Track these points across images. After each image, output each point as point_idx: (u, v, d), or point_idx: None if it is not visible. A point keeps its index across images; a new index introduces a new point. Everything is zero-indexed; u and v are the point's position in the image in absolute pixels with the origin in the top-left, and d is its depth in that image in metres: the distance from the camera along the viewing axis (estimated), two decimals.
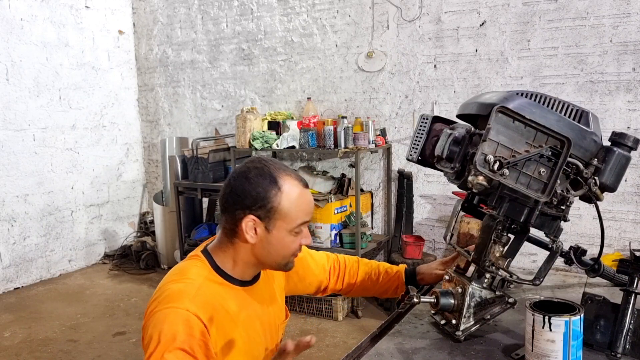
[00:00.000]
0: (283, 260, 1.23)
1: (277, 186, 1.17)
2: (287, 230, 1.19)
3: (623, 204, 3.34)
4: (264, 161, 1.21)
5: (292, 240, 1.21)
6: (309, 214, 1.22)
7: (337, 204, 3.83)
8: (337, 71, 4.28)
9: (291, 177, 1.20)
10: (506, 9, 3.56)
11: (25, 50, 4.49)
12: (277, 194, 1.16)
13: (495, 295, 1.23)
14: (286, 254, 1.22)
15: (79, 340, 3.52)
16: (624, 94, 3.28)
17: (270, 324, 1.31)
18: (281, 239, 1.19)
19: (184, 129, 5.28)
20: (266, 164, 1.20)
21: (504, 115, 1.08)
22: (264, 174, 1.18)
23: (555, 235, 1.19)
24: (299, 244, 1.22)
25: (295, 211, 1.18)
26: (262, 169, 1.19)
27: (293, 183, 1.19)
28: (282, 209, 1.17)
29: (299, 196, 1.19)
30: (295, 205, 1.18)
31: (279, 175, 1.18)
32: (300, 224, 1.20)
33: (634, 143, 1.15)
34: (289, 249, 1.21)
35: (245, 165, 1.21)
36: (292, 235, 1.20)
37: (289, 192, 1.17)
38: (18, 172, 4.50)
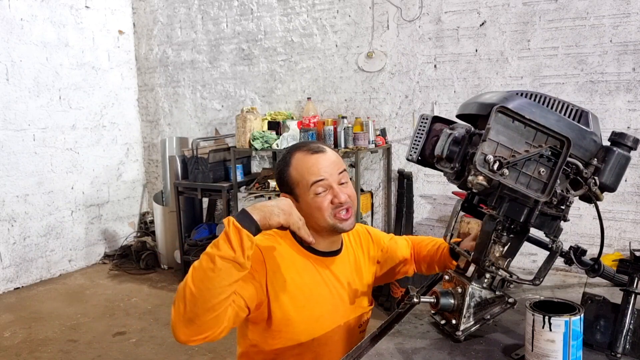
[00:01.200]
0: (324, 221, 1.33)
1: (286, 163, 1.36)
2: (307, 194, 1.32)
3: (623, 204, 3.34)
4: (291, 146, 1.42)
5: (318, 201, 1.32)
6: (317, 173, 1.32)
7: None
8: (337, 71, 4.28)
9: (300, 150, 1.36)
10: (506, 9, 3.56)
11: (25, 50, 4.49)
12: (286, 170, 1.36)
13: (495, 295, 1.23)
14: (320, 215, 1.32)
15: (79, 340, 3.52)
16: (624, 94, 3.28)
17: (342, 298, 1.40)
18: (307, 203, 1.33)
19: (184, 129, 5.28)
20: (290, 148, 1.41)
21: (504, 115, 1.08)
22: (283, 158, 1.39)
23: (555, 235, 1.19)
24: (328, 203, 1.32)
25: (302, 175, 1.32)
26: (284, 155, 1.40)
27: (300, 154, 1.35)
28: (293, 179, 1.34)
29: (302, 162, 1.33)
30: (300, 171, 1.33)
31: (292, 153, 1.37)
32: (312, 184, 1.31)
33: (634, 143, 1.15)
34: (320, 209, 1.32)
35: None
36: (313, 195, 1.32)
37: (294, 163, 1.35)
38: (18, 172, 4.50)
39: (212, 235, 4.61)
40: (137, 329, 3.64)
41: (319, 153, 1.35)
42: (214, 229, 4.66)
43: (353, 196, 1.38)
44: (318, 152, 1.35)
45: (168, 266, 4.90)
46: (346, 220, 1.35)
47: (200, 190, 4.35)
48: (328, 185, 1.32)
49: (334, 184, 1.33)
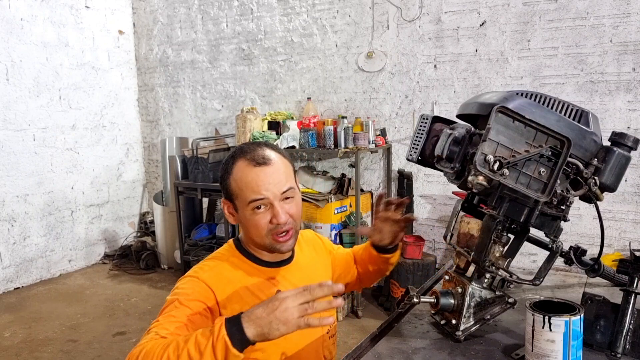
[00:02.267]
0: (261, 239, 1.25)
1: (227, 170, 1.26)
2: (245, 209, 1.24)
3: (623, 204, 3.34)
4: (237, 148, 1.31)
5: (256, 219, 1.23)
6: (256, 190, 1.21)
7: (337, 204, 3.83)
8: (337, 71, 4.28)
9: (244, 159, 1.24)
10: (506, 9, 3.56)
11: (25, 50, 4.49)
12: (226, 178, 1.27)
13: (495, 295, 1.23)
14: (258, 232, 1.24)
15: (79, 340, 3.52)
16: (624, 94, 3.28)
17: None
18: (245, 217, 1.25)
19: (184, 129, 5.28)
20: (235, 150, 1.30)
21: (504, 115, 1.08)
22: (226, 160, 1.30)
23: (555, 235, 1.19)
24: (266, 223, 1.23)
25: (241, 189, 1.23)
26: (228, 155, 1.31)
27: (243, 164, 1.24)
28: (233, 190, 1.25)
29: (244, 175, 1.23)
30: (239, 184, 1.24)
31: (235, 159, 1.26)
32: (250, 202, 1.22)
33: (634, 143, 1.15)
34: (257, 227, 1.24)
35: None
36: (251, 212, 1.23)
37: (235, 173, 1.24)
38: (18, 172, 4.50)
39: (212, 235, 4.61)
40: (137, 329, 3.64)
41: (262, 166, 1.22)
42: (214, 229, 4.66)
43: (297, 215, 1.27)
44: (261, 165, 1.22)
45: (168, 266, 4.90)
46: (284, 242, 1.25)
47: (200, 190, 4.35)
48: (268, 202, 1.22)
49: (275, 201, 1.22)
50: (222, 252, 1.34)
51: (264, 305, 0.98)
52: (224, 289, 1.23)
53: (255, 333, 0.96)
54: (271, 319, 0.96)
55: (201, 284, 1.22)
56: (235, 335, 0.96)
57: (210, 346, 0.96)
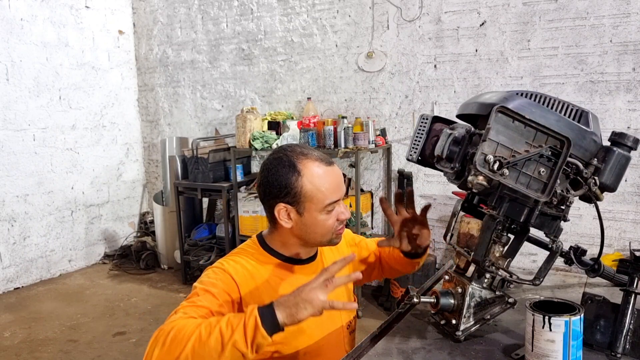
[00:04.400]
0: (324, 237, 1.28)
1: (296, 171, 1.23)
2: (318, 211, 1.24)
3: (623, 204, 3.34)
4: (284, 150, 1.29)
5: (326, 218, 1.25)
6: (336, 191, 1.25)
7: None
8: (337, 71, 4.28)
9: (311, 160, 1.25)
10: (506, 9, 3.56)
11: (25, 50, 4.49)
12: (298, 179, 1.23)
13: (495, 295, 1.23)
14: (325, 232, 1.27)
15: (79, 340, 3.52)
16: (624, 94, 3.28)
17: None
18: (314, 219, 1.25)
19: (184, 129, 5.28)
20: (286, 152, 1.28)
21: (504, 115, 1.08)
22: (283, 163, 1.25)
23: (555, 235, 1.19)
24: (334, 220, 1.26)
25: (320, 191, 1.23)
26: (281, 158, 1.26)
27: (313, 165, 1.24)
28: (307, 192, 1.23)
29: (320, 176, 1.23)
30: (318, 186, 1.23)
31: (298, 160, 1.24)
32: (329, 204, 1.24)
33: (634, 143, 1.15)
34: (325, 227, 1.26)
35: (268, 158, 1.30)
36: (325, 213, 1.25)
37: (309, 175, 1.23)
38: (18, 172, 4.50)
39: (212, 235, 4.61)
40: (137, 329, 3.64)
41: (332, 165, 1.28)
42: (214, 229, 4.66)
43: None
44: (332, 165, 1.28)
45: (168, 266, 4.90)
46: (341, 234, 1.32)
47: (200, 190, 4.35)
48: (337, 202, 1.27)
49: (341, 201, 1.28)
50: (247, 248, 1.35)
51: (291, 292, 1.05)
52: (247, 284, 1.24)
53: (285, 315, 1.02)
54: (297, 300, 1.02)
55: (227, 275, 1.23)
56: (267, 317, 1.01)
57: (241, 324, 1.01)
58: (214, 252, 4.42)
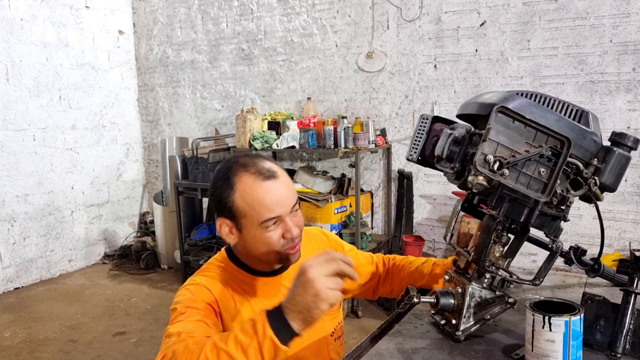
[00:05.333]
0: (270, 255, 1.19)
1: (229, 186, 1.15)
2: (255, 228, 1.15)
3: (623, 204, 3.34)
4: (228, 161, 1.21)
5: (267, 237, 1.15)
6: (270, 208, 1.13)
7: (337, 204, 3.82)
8: (337, 71, 4.28)
9: (248, 173, 1.14)
10: (506, 9, 3.56)
11: (25, 50, 4.49)
12: (230, 194, 1.15)
13: (495, 295, 1.23)
14: (268, 250, 1.17)
15: (79, 340, 3.52)
16: (624, 94, 3.28)
17: None
18: (254, 236, 1.16)
19: (184, 129, 5.28)
20: (227, 164, 1.19)
21: (504, 115, 1.08)
22: (221, 175, 1.18)
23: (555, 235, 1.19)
24: (279, 237, 1.16)
25: (252, 208, 1.13)
26: (220, 170, 1.20)
27: (249, 179, 1.14)
28: (238, 208, 1.15)
29: (252, 190, 1.13)
30: (248, 202, 1.14)
31: (235, 173, 1.16)
32: (264, 221, 1.13)
33: (634, 143, 1.15)
34: (268, 244, 1.16)
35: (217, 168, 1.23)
36: (264, 231, 1.15)
37: (241, 190, 1.14)
38: (18, 172, 4.50)
39: (212, 235, 4.61)
40: (137, 329, 3.64)
41: (272, 180, 1.15)
42: (214, 229, 4.65)
43: (302, 225, 1.23)
44: (270, 179, 1.14)
45: (168, 266, 4.90)
46: (295, 252, 1.21)
47: (200, 190, 4.35)
48: (280, 219, 1.16)
49: (286, 217, 1.16)
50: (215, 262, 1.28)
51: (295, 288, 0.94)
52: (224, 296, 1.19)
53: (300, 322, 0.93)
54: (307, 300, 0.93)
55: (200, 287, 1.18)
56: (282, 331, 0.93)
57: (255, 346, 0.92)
58: (214, 252, 4.40)
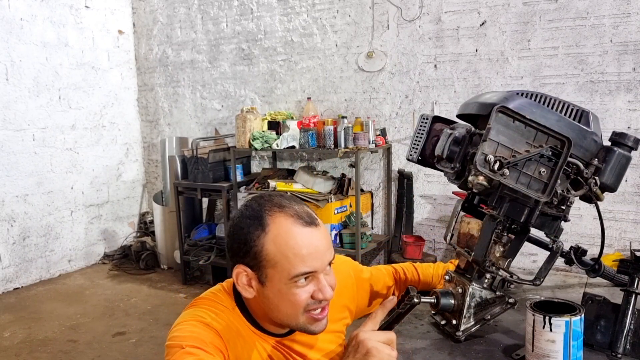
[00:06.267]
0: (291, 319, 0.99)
1: (261, 226, 0.95)
2: (283, 282, 0.95)
3: (623, 204, 3.34)
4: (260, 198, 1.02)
5: (294, 294, 0.95)
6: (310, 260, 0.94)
7: (337, 204, 3.82)
8: (337, 71, 4.28)
9: (285, 215, 0.96)
10: (506, 8, 3.56)
11: (25, 50, 4.49)
12: (260, 236, 0.95)
13: (496, 295, 1.23)
14: (292, 312, 0.97)
15: (79, 340, 3.52)
16: (624, 94, 3.28)
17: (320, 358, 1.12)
18: (278, 292, 0.96)
19: (183, 129, 5.27)
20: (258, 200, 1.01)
21: (504, 115, 1.08)
22: (250, 212, 0.99)
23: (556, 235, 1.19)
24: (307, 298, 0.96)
25: (286, 257, 0.94)
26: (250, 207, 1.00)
27: (287, 221, 0.95)
28: (268, 255, 0.95)
29: (291, 237, 0.94)
30: (284, 250, 0.94)
31: (268, 212, 0.97)
32: (297, 276, 0.94)
33: (634, 143, 1.15)
34: (293, 305, 0.96)
35: (243, 205, 1.04)
36: (293, 287, 0.95)
37: (276, 233, 0.94)
38: (18, 172, 4.50)
39: (212, 236, 4.60)
40: (137, 329, 3.64)
41: (313, 227, 0.96)
42: (213, 229, 4.65)
43: (335, 286, 1.02)
44: (311, 226, 0.96)
45: (168, 266, 4.90)
46: (321, 320, 1.00)
47: (200, 190, 4.34)
48: (314, 275, 0.97)
49: (320, 273, 0.97)
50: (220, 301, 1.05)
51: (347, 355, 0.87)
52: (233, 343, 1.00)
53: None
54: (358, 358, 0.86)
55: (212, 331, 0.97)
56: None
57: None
58: (214, 252, 4.41)
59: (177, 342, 0.94)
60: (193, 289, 4.37)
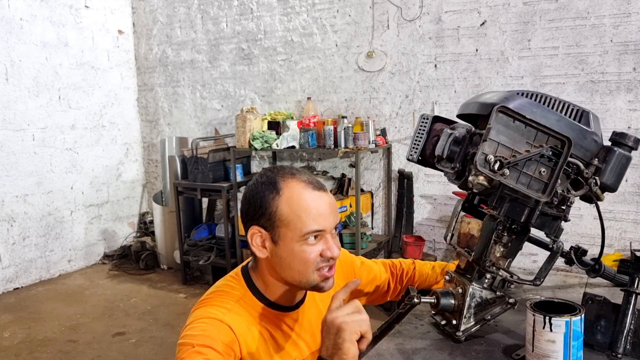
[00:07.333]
0: (303, 277, 1.08)
1: (275, 190, 1.07)
2: (295, 240, 1.05)
3: (624, 204, 3.34)
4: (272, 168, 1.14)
5: (305, 251, 1.06)
6: (320, 219, 1.05)
7: (337, 204, 3.81)
8: (337, 71, 4.28)
9: (297, 180, 1.08)
10: (507, 8, 3.55)
11: (24, 50, 4.49)
12: (275, 199, 1.06)
13: (496, 295, 1.23)
14: (303, 269, 1.07)
15: (79, 340, 3.52)
16: (624, 93, 3.27)
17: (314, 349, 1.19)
18: (290, 250, 1.06)
19: (183, 129, 5.27)
20: (272, 170, 1.13)
21: (505, 115, 1.08)
22: (264, 180, 1.10)
23: (556, 235, 1.19)
24: (317, 256, 1.07)
25: (298, 216, 1.05)
26: (264, 174, 1.12)
27: (298, 185, 1.07)
28: (282, 215, 1.05)
29: (302, 199, 1.05)
30: (296, 210, 1.05)
31: (282, 178, 1.08)
32: (308, 233, 1.05)
33: (635, 143, 1.15)
34: (303, 262, 1.06)
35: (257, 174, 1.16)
36: (304, 244, 1.06)
37: (289, 195, 1.06)
38: (17, 172, 4.50)
39: (212, 236, 4.61)
40: (137, 329, 3.64)
41: (322, 191, 1.09)
42: (213, 229, 4.65)
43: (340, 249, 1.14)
44: (320, 190, 1.09)
45: (168, 266, 4.90)
46: (329, 278, 1.10)
47: (200, 190, 4.34)
48: (324, 235, 1.07)
49: (328, 233, 1.08)
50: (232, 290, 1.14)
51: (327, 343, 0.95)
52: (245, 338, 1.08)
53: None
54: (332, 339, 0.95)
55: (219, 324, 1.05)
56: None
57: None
58: (214, 253, 4.41)
59: (188, 341, 1.01)
60: (193, 289, 4.37)
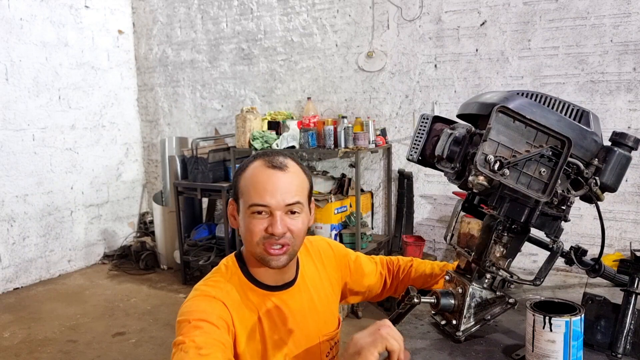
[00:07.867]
0: (252, 247, 1.16)
1: (243, 168, 1.21)
2: (244, 211, 1.17)
3: (624, 204, 3.34)
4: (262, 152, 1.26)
5: (251, 223, 1.15)
6: (261, 195, 1.13)
7: (337, 204, 3.82)
8: (337, 71, 4.28)
9: (261, 159, 1.19)
10: (507, 8, 3.55)
11: (24, 50, 4.49)
12: (239, 174, 1.21)
13: (496, 295, 1.23)
14: (250, 239, 1.16)
15: (79, 340, 3.52)
16: (624, 93, 3.27)
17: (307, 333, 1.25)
18: (242, 219, 1.18)
19: (183, 129, 5.27)
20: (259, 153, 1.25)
21: (505, 115, 1.08)
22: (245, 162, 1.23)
23: (556, 235, 1.19)
24: (261, 230, 1.14)
25: (247, 189, 1.16)
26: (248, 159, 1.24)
27: (259, 164, 1.18)
28: (240, 187, 1.19)
29: (254, 174, 1.16)
30: (247, 184, 1.17)
31: (255, 158, 1.21)
32: (252, 205, 1.14)
33: (635, 143, 1.15)
34: (250, 233, 1.15)
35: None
36: (250, 217, 1.15)
37: (248, 172, 1.18)
38: (17, 172, 4.49)
39: (212, 236, 4.61)
40: (137, 329, 3.64)
41: (277, 170, 1.15)
42: (213, 229, 4.65)
43: (297, 232, 1.17)
44: (275, 168, 1.16)
45: (168, 266, 4.90)
46: (275, 256, 1.15)
47: (200, 190, 4.34)
48: (269, 211, 1.14)
49: (277, 211, 1.14)
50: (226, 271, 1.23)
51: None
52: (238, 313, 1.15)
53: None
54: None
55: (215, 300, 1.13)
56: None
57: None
58: (214, 253, 4.41)
59: (185, 318, 1.08)
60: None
